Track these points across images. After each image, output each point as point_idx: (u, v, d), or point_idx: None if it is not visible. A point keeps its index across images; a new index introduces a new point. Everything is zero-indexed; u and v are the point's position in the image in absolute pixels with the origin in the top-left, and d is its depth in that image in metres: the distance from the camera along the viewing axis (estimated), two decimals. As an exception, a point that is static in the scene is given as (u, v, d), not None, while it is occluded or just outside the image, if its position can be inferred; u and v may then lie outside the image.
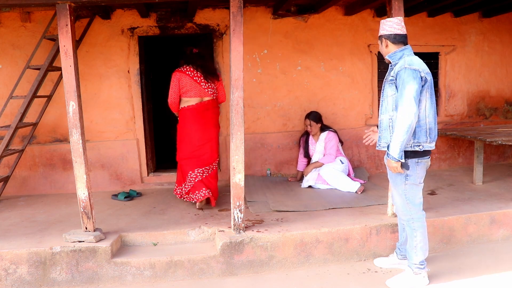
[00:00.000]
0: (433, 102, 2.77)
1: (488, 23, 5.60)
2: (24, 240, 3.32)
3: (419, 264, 2.91)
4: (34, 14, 4.68)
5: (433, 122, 2.77)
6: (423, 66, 2.73)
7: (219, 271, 3.24)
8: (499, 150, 5.77)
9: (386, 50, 2.87)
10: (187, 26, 4.92)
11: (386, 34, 2.85)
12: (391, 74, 2.79)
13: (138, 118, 4.99)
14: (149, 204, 4.33)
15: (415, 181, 2.83)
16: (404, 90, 2.64)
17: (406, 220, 2.93)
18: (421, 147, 2.76)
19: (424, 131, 2.74)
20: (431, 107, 2.76)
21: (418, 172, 2.83)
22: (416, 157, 2.77)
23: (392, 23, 2.84)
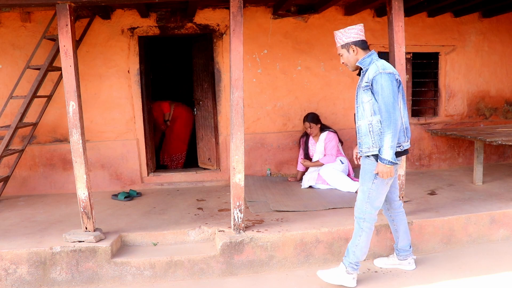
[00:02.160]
0: (405, 103, 2.85)
1: (488, 23, 5.60)
2: (24, 240, 3.32)
3: (354, 264, 2.92)
4: (34, 14, 4.68)
5: (408, 121, 2.86)
6: (394, 69, 2.80)
7: (219, 271, 3.24)
8: (499, 150, 5.77)
9: (356, 57, 2.86)
10: (187, 26, 4.92)
11: (354, 41, 2.84)
12: (364, 80, 2.78)
13: (138, 118, 5.00)
14: (149, 204, 4.33)
15: (382, 180, 2.82)
16: (384, 95, 2.66)
17: (357, 217, 2.94)
18: (401, 147, 2.81)
19: (402, 132, 2.80)
20: (404, 108, 2.84)
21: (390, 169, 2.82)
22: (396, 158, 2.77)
23: (356, 30, 2.86)
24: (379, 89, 2.68)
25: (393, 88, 2.67)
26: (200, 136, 5.64)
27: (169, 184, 5.10)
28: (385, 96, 2.66)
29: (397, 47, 3.45)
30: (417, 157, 5.58)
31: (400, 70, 3.47)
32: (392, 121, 2.65)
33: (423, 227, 3.52)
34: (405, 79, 3.53)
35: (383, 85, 2.66)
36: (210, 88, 5.23)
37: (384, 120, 2.68)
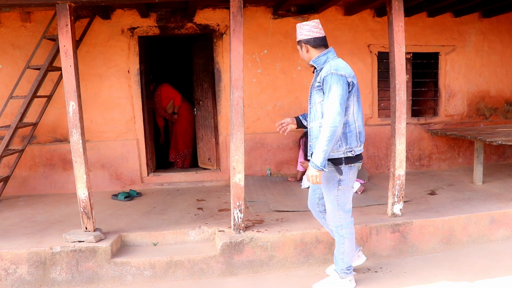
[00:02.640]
0: (359, 106, 2.73)
1: (488, 23, 5.60)
2: (24, 240, 3.32)
3: (346, 269, 2.89)
4: (34, 14, 4.68)
5: (362, 125, 2.74)
6: (349, 70, 2.65)
7: (219, 271, 3.24)
8: (499, 150, 5.77)
9: (308, 56, 2.77)
10: (187, 26, 4.92)
11: (305, 39, 2.74)
12: (317, 80, 2.68)
13: (138, 118, 5.00)
14: (149, 204, 4.33)
15: (348, 186, 2.76)
16: (330, 97, 2.53)
17: (335, 227, 2.85)
18: (353, 152, 2.69)
19: (354, 136, 2.69)
20: (359, 111, 2.71)
21: (351, 176, 2.75)
22: (350, 163, 2.70)
23: (309, 27, 2.74)
24: (327, 90, 2.56)
25: (341, 91, 2.53)
26: (200, 136, 5.64)
27: (169, 184, 5.10)
28: (330, 99, 2.53)
29: (397, 47, 3.45)
30: (417, 157, 5.58)
31: (400, 70, 3.47)
32: (331, 125, 2.50)
33: (423, 227, 3.52)
34: (405, 79, 3.52)
35: (331, 86, 2.54)
36: (210, 88, 5.23)
37: (324, 122, 2.54)
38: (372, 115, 5.42)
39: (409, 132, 5.19)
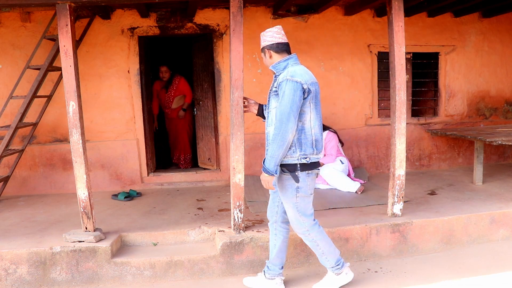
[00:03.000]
0: (318, 113, 2.70)
1: (488, 23, 5.60)
2: (24, 240, 3.32)
3: (335, 265, 2.87)
4: (34, 14, 4.68)
5: (319, 133, 2.71)
6: (307, 77, 2.62)
7: (219, 271, 3.24)
8: (499, 150, 5.77)
9: (271, 61, 2.76)
10: (187, 26, 4.92)
11: (268, 45, 2.74)
12: (274, 85, 2.69)
13: (138, 118, 5.00)
14: (149, 204, 4.33)
15: (306, 193, 2.71)
16: (282, 103, 2.53)
17: (302, 233, 2.81)
18: (308, 159, 2.65)
19: (310, 143, 2.65)
20: (316, 118, 2.68)
21: (309, 183, 2.71)
22: (306, 169, 2.66)
23: (272, 33, 2.75)
24: (281, 96, 2.56)
25: (294, 98, 2.52)
26: (200, 136, 5.64)
27: (169, 184, 5.10)
28: (283, 105, 2.52)
29: (397, 47, 3.45)
30: (417, 157, 5.58)
31: (400, 70, 3.47)
32: (281, 132, 2.51)
33: (423, 227, 3.52)
34: (405, 79, 3.52)
35: (285, 92, 2.53)
36: (210, 88, 5.23)
37: (275, 128, 2.55)
38: (372, 115, 5.43)
39: (409, 132, 5.19)
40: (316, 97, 2.68)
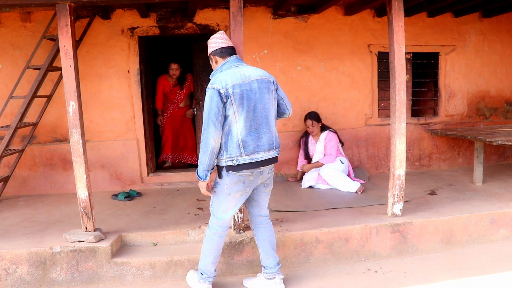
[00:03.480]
0: (247, 115, 2.63)
1: (488, 23, 5.60)
2: (24, 240, 3.32)
3: (200, 273, 2.89)
4: (34, 14, 4.68)
5: (247, 134, 2.64)
6: (229, 81, 2.61)
7: (219, 271, 3.23)
8: (499, 150, 5.77)
9: (216, 66, 2.84)
10: (187, 26, 4.92)
11: (213, 51, 2.81)
12: None
13: (138, 118, 4.99)
14: (149, 204, 4.33)
15: (222, 192, 2.73)
16: (204, 111, 2.64)
17: (208, 225, 2.91)
18: (235, 162, 2.63)
19: (236, 145, 2.63)
20: (247, 120, 2.63)
21: (227, 183, 2.69)
22: (230, 170, 2.66)
23: (215, 39, 2.81)
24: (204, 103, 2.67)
25: (211, 105, 2.57)
26: (200, 136, 5.61)
27: (169, 184, 5.10)
28: (204, 112, 2.63)
29: (397, 47, 3.45)
30: (417, 157, 5.58)
31: (400, 70, 3.47)
32: (203, 138, 2.60)
33: (423, 227, 3.52)
34: (405, 79, 3.52)
35: (206, 100, 2.63)
36: (210, 88, 5.22)
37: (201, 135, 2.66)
38: (372, 115, 5.42)
39: (409, 132, 5.19)
40: (243, 98, 2.62)
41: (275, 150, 2.79)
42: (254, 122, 2.67)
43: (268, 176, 2.83)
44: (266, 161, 2.73)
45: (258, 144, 2.68)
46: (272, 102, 2.77)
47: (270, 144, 2.74)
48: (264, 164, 2.73)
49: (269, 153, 2.74)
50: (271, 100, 2.75)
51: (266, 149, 2.71)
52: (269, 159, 2.75)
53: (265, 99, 2.71)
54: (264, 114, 2.70)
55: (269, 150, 2.73)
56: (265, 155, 2.71)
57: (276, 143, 2.79)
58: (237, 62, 2.78)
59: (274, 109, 2.79)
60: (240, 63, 2.78)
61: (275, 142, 2.79)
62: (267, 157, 2.73)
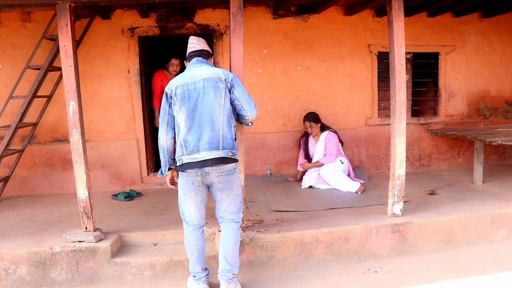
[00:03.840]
0: (190, 113, 2.65)
1: (488, 23, 5.60)
2: (24, 240, 3.32)
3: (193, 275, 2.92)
4: (34, 14, 4.68)
5: (188, 133, 2.65)
6: (176, 81, 2.70)
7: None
8: (499, 150, 5.77)
9: None
10: (187, 26, 4.92)
11: (187, 56, 2.92)
12: None
13: (138, 118, 4.99)
14: (149, 204, 4.33)
15: (180, 191, 2.80)
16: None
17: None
18: (180, 161, 2.68)
19: (179, 145, 2.68)
20: (187, 119, 2.65)
21: (181, 183, 2.76)
22: (179, 170, 2.74)
23: (188, 45, 2.91)
24: None
25: (162, 105, 2.73)
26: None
27: (169, 184, 5.10)
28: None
29: (397, 47, 3.45)
30: (417, 157, 5.58)
31: (400, 70, 3.47)
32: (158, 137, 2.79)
33: (423, 227, 3.52)
34: (405, 79, 3.52)
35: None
36: (210, 88, 5.22)
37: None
38: (372, 115, 5.43)
39: (409, 132, 5.19)
40: (185, 98, 2.66)
41: (222, 151, 2.64)
42: (195, 121, 2.65)
43: (218, 180, 2.70)
44: (209, 161, 2.63)
45: (199, 144, 2.63)
46: (221, 100, 2.66)
47: (212, 144, 2.63)
48: (207, 165, 2.64)
49: (212, 153, 2.62)
50: (218, 99, 2.66)
51: (207, 148, 2.62)
52: (213, 159, 2.62)
53: (209, 97, 2.65)
54: (208, 113, 2.64)
55: (211, 150, 2.62)
56: (207, 155, 2.62)
57: (224, 143, 2.65)
58: (196, 63, 2.80)
59: (224, 108, 2.68)
60: (199, 64, 2.79)
61: (223, 142, 2.65)
62: (210, 157, 2.62)
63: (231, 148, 2.68)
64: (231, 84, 2.71)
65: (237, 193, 2.83)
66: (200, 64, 2.79)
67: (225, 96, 2.68)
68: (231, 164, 2.72)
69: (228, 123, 2.69)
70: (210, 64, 2.86)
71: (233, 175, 2.75)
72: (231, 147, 2.68)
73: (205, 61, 2.84)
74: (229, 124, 2.71)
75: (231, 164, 2.71)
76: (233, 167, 2.74)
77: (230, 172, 2.72)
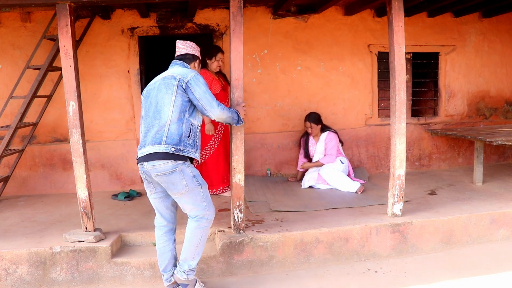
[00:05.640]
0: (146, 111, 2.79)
1: (488, 23, 5.60)
2: (24, 240, 3.32)
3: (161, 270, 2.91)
4: (34, 14, 4.68)
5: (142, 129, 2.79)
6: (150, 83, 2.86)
7: (219, 271, 3.24)
8: (499, 150, 5.77)
9: None
10: (187, 26, 4.92)
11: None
12: None
13: (138, 118, 4.99)
14: (149, 204, 4.24)
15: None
16: None
17: None
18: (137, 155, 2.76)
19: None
20: (143, 116, 2.81)
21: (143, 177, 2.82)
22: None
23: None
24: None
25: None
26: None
27: (169, 184, 5.10)
28: None
29: (397, 47, 3.45)
30: (417, 157, 5.58)
31: (400, 70, 3.47)
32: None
33: (423, 227, 3.52)
34: (405, 79, 3.52)
35: None
36: (210, 88, 5.23)
37: None
38: (372, 115, 5.43)
39: (409, 132, 5.19)
40: (146, 96, 2.84)
41: (164, 146, 2.59)
42: (148, 118, 2.75)
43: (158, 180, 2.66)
44: (147, 157, 2.63)
45: (146, 138, 2.70)
46: (171, 97, 2.66)
47: (156, 138, 2.63)
48: (143, 160, 2.65)
49: (154, 147, 2.60)
50: (169, 96, 2.67)
51: (151, 142, 2.64)
52: (151, 154, 2.60)
53: (161, 94, 2.70)
54: (157, 109, 2.69)
55: (154, 144, 2.62)
56: (150, 149, 2.62)
57: (168, 138, 2.61)
58: (171, 66, 2.92)
59: (174, 104, 2.66)
60: (171, 67, 2.89)
61: (167, 137, 2.61)
62: (151, 151, 2.61)
63: (175, 144, 2.61)
64: (186, 85, 2.68)
65: (186, 193, 2.68)
66: (172, 66, 2.90)
67: (177, 93, 2.67)
68: (167, 165, 2.60)
69: (178, 120, 2.65)
70: (184, 65, 2.89)
71: (170, 175, 2.62)
72: (175, 143, 2.61)
73: (181, 63, 2.89)
74: (180, 120, 2.66)
75: (167, 164, 2.60)
76: (170, 167, 2.60)
77: (166, 173, 2.61)
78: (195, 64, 2.97)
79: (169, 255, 2.88)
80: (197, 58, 2.98)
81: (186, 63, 2.91)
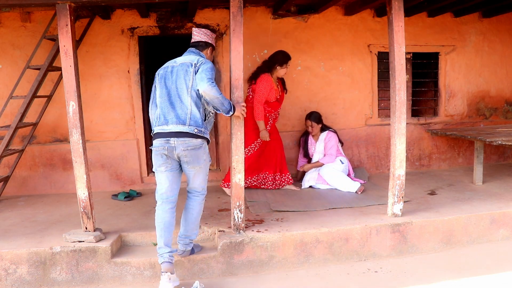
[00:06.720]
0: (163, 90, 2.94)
1: (488, 23, 5.60)
2: (24, 240, 3.32)
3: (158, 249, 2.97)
4: (34, 14, 4.68)
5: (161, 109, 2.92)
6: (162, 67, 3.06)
7: (219, 271, 3.24)
8: (499, 150, 5.77)
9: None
10: (187, 26, 4.92)
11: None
12: None
13: (138, 118, 4.99)
14: (149, 204, 4.32)
15: (154, 166, 3.01)
16: None
17: None
18: (153, 131, 2.99)
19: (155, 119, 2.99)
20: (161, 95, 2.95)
21: (153, 158, 2.99)
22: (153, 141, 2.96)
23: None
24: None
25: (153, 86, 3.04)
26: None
27: (169, 184, 5.09)
28: None
29: (397, 47, 3.45)
30: (417, 157, 5.58)
31: (400, 70, 3.47)
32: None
33: (423, 227, 3.52)
34: (405, 79, 3.52)
35: None
36: (210, 88, 5.22)
37: None
38: (372, 115, 5.42)
39: (409, 132, 5.19)
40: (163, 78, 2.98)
41: (188, 127, 2.85)
42: (168, 100, 2.92)
43: (184, 154, 2.88)
44: (174, 134, 2.85)
45: (168, 118, 2.89)
46: (189, 83, 2.89)
47: (180, 119, 2.86)
48: (172, 136, 2.85)
49: (178, 127, 2.85)
50: (186, 81, 2.90)
51: (175, 122, 2.86)
52: (178, 132, 2.85)
53: (180, 79, 2.91)
54: (178, 93, 2.91)
55: (178, 124, 2.85)
56: (174, 128, 2.85)
57: (191, 120, 2.86)
58: (186, 53, 3.11)
59: (192, 89, 2.89)
60: (187, 53, 3.10)
61: (190, 119, 2.86)
62: (176, 130, 2.85)
63: (197, 125, 2.88)
64: (197, 68, 2.91)
65: (203, 167, 3.03)
66: (188, 53, 3.10)
67: (193, 79, 2.90)
68: (197, 140, 2.88)
69: (195, 103, 2.90)
70: (198, 53, 3.10)
71: (199, 150, 2.92)
72: (198, 125, 2.89)
73: (196, 51, 3.11)
74: (197, 105, 2.91)
75: (197, 140, 2.88)
76: (199, 143, 2.90)
77: (196, 147, 2.89)
78: (208, 51, 3.19)
79: (172, 229, 3.02)
80: (210, 45, 3.19)
81: (199, 50, 3.13)
